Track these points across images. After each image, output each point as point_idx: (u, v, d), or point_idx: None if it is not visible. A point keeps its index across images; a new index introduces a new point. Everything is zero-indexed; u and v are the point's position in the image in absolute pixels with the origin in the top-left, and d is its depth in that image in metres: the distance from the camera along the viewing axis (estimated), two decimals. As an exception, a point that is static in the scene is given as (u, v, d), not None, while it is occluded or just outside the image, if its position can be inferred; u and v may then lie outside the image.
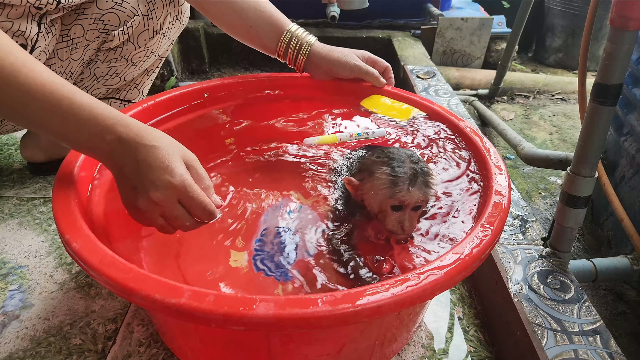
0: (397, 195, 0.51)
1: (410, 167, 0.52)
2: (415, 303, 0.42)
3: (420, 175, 0.52)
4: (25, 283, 0.69)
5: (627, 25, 0.52)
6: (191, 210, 0.50)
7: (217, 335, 0.49)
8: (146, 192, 0.48)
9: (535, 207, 1.12)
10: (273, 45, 0.80)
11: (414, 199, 0.52)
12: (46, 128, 0.49)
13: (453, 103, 1.16)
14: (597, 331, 0.55)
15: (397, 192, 0.51)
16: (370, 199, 0.55)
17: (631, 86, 0.87)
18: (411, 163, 0.53)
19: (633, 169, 0.87)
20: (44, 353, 0.59)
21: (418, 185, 0.52)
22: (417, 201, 0.52)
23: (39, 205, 0.86)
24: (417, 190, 0.52)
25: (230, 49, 1.77)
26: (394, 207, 0.53)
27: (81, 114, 0.48)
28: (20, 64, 0.46)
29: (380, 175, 0.53)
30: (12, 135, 1.10)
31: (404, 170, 0.52)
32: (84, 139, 0.49)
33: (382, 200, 0.53)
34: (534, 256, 0.67)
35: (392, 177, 0.52)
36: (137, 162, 0.48)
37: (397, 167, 0.52)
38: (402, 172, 0.52)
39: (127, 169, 0.48)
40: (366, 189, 0.55)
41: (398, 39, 1.72)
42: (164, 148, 0.49)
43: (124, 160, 0.48)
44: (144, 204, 0.48)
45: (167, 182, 0.47)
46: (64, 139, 0.49)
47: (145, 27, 0.79)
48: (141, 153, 0.48)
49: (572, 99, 1.71)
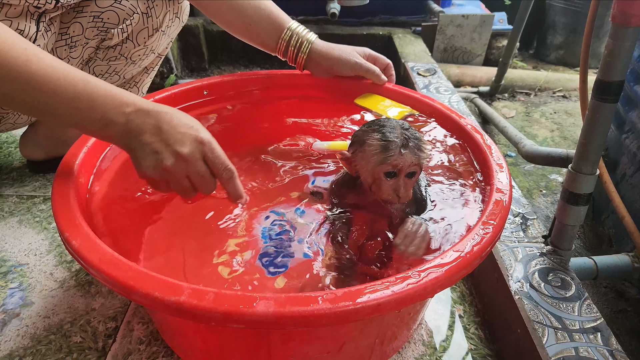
0: (389, 160, 0.50)
1: (402, 133, 0.51)
2: (415, 301, 0.42)
3: (411, 140, 0.51)
4: (26, 281, 0.69)
5: (628, 22, 0.51)
6: (214, 169, 0.51)
7: (218, 333, 0.49)
8: (172, 149, 0.49)
9: (536, 204, 1.11)
10: (273, 43, 0.79)
11: (407, 163, 0.50)
12: (57, 112, 0.49)
13: (454, 100, 1.16)
14: (598, 329, 0.55)
15: (389, 156, 0.50)
16: (363, 169, 0.54)
17: (633, 83, 0.87)
18: (402, 129, 0.52)
19: (634, 166, 0.87)
20: (44, 351, 0.59)
21: (410, 149, 0.50)
22: (410, 165, 0.51)
23: (38, 203, 0.86)
24: (409, 154, 0.50)
25: (230, 46, 1.77)
26: (387, 173, 0.51)
27: (96, 92, 0.49)
28: (31, 52, 0.47)
29: (372, 142, 0.51)
30: (12, 133, 1.09)
31: (395, 136, 0.51)
32: (98, 117, 0.49)
33: (374, 167, 0.52)
34: (534, 254, 0.66)
35: (383, 141, 0.50)
36: (159, 126, 0.49)
37: (388, 133, 0.51)
38: (393, 137, 0.51)
39: (146, 136, 0.49)
40: (358, 159, 0.54)
41: (399, 36, 1.72)
42: (186, 115, 0.51)
43: (143, 128, 0.49)
44: (169, 163, 0.49)
45: (194, 137, 0.49)
46: (75, 120, 0.50)
47: (145, 25, 0.79)
48: (163, 118, 0.49)
49: (573, 97, 1.71)
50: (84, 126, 0.50)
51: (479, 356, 0.61)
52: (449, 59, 1.83)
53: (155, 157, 0.49)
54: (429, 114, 0.78)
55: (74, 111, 0.49)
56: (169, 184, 0.51)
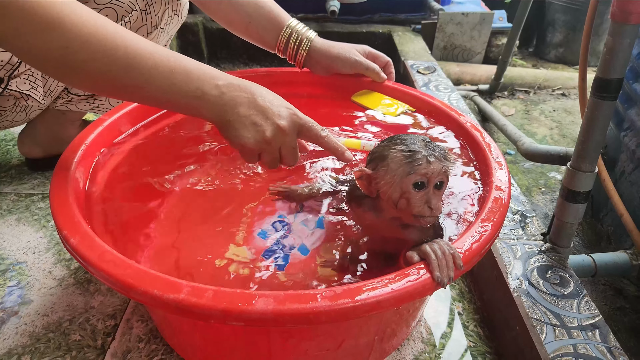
0: (417, 169, 0.47)
1: (425, 144, 0.49)
2: (414, 298, 0.42)
3: (436, 150, 0.49)
4: (24, 279, 0.69)
5: (628, 19, 0.51)
6: (309, 135, 0.56)
7: (217, 330, 0.49)
8: (273, 122, 0.52)
9: (535, 202, 1.12)
10: (273, 41, 0.79)
11: (435, 171, 0.48)
12: (150, 89, 0.50)
13: (453, 98, 1.16)
14: (596, 326, 0.55)
15: (417, 165, 0.47)
16: (387, 185, 0.50)
17: (632, 81, 0.87)
18: (424, 142, 0.50)
19: (633, 164, 0.87)
20: (43, 349, 0.59)
21: (437, 157, 0.48)
22: (439, 173, 0.48)
23: (37, 201, 0.86)
24: (437, 162, 0.48)
25: (230, 44, 1.76)
26: (416, 184, 0.48)
27: (189, 66, 0.51)
28: (122, 30, 0.48)
29: (395, 154, 0.49)
30: (10, 131, 1.09)
31: (420, 146, 0.49)
32: (193, 88, 0.51)
33: (402, 180, 0.48)
34: (533, 251, 0.67)
35: (408, 152, 0.48)
36: (255, 99, 0.52)
37: (412, 145, 0.49)
38: (418, 147, 0.49)
39: (243, 108, 0.52)
40: (381, 175, 0.50)
41: (398, 34, 1.71)
42: (270, 91, 0.55)
43: (239, 101, 0.52)
44: (270, 134, 0.52)
45: (289, 111, 0.54)
46: (168, 95, 0.51)
47: (144, 22, 0.78)
48: (257, 91, 0.53)
49: (572, 95, 1.71)
50: (177, 100, 0.52)
51: (478, 353, 0.61)
52: (449, 56, 1.83)
53: (256, 128, 0.52)
54: (428, 112, 0.78)
55: (170, 86, 0.50)
56: (262, 154, 0.55)
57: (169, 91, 0.50)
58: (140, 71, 0.49)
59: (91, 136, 0.62)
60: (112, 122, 0.67)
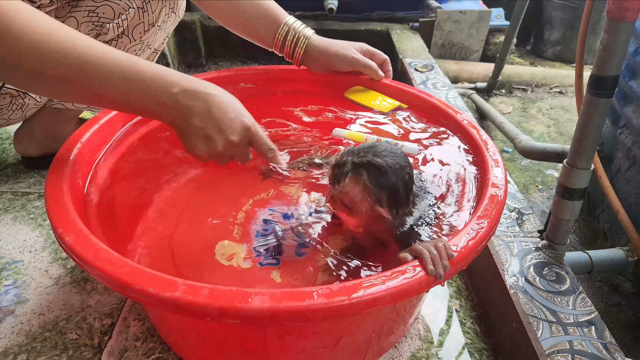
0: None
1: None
2: (410, 295, 0.42)
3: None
4: (20, 278, 0.69)
5: (624, 16, 0.51)
6: (259, 150, 0.57)
7: (214, 328, 0.49)
8: (225, 136, 0.53)
9: (532, 199, 1.12)
10: (270, 39, 0.79)
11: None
12: (106, 94, 0.50)
13: (451, 96, 1.16)
14: (592, 322, 0.55)
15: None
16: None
17: (628, 78, 0.87)
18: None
19: (629, 161, 0.87)
20: (39, 348, 0.59)
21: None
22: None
23: (33, 200, 0.86)
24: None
25: (228, 42, 1.76)
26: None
27: (145, 73, 0.50)
28: (76, 35, 0.47)
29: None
30: (6, 129, 1.09)
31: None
32: (149, 97, 0.51)
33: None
34: (530, 248, 0.67)
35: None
36: (209, 109, 0.52)
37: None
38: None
39: (197, 119, 0.52)
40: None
41: (396, 32, 1.71)
42: (230, 96, 0.54)
43: (193, 110, 0.52)
44: (221, 148, 0.53)
45: (242, 123, 0.53)
46: (125, 101, 0.51)
47: (141, 19, 0.78)
48: (212, 101, 0.52)
49: (569, 92, 1.71)
50: (134, 106, 0.52)
51: (475, 350, 0.61)
52: (447, 54, 1.83)
53: (209, 142, 0.53)
54: (425, 110, 0.78)
55: (126, 93, 0.50)
56: (213, 159, 0.56)
57: (126, 98, 0.50)
58: (94, 79, 0.48)
59: (87, 134, 0.62)
60: (108, 120, 0.67)
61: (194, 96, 0.51)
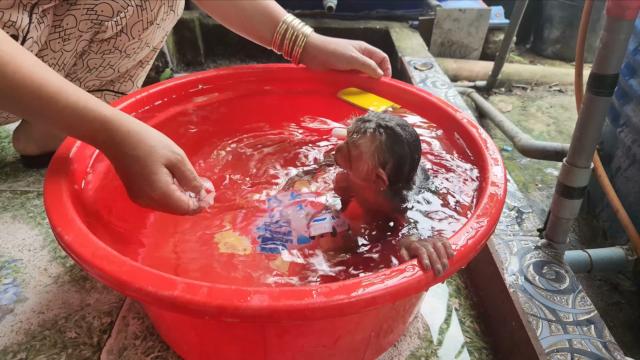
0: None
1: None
2: (410, 294, 0.42)
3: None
4: (20, 277, 0.69)
5: (623, 15, 0.51)
6: (173, 213, 0.54)
7: (213, 327, 0.49)
8: (136, 196, 0.53)
9: (531, 198, 1.12)
10: (269, 37, 0.79)
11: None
12: (43, 122, 0.51)
13: (451, 95, 1.16)
14: (592, 321, 0.55)
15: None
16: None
17: (628, 77, 0.87)
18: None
19: (629, 160, 0.87)
20: (38, 347, 0.59)
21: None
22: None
23: (32, 199, 0.86)
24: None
25: (227, 40, 1.76)
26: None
27: (74, 113, 0.49)
28: (9, 57, 0.46)
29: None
30: (5, 128, 1.08)
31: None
32: (80, 136, 0.52)
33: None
34: (529, 247, 0.67)
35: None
36: (125, 167, 0.51)
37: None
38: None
39: (119, 170, 0.52)
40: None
41: (396, 30, 1.71)
42: (146, 158, 0.50)
43: (116, 158, 0.52)
44: (144, 204, 0.53)
45: (148, 196, 0.51)
46: (62, 133, 0.52)
47: (139, 17, 0.78)
48: (127, 161, 0.51)
49: (569, 91, 1.71)
50: (78, 138, 0.54)
51: (474, 349, 0.61)
52: (446, 53, 1.83)
53: (131, 190, 0.53)
54: (424, 108, 0.77)
55: (59, 127, 0.50)
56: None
57: (62, 129, 0.51)
58: (27, 102, 0.47)
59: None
60: (107, 118, 0.66)
61: (115, 151, 0.51)
